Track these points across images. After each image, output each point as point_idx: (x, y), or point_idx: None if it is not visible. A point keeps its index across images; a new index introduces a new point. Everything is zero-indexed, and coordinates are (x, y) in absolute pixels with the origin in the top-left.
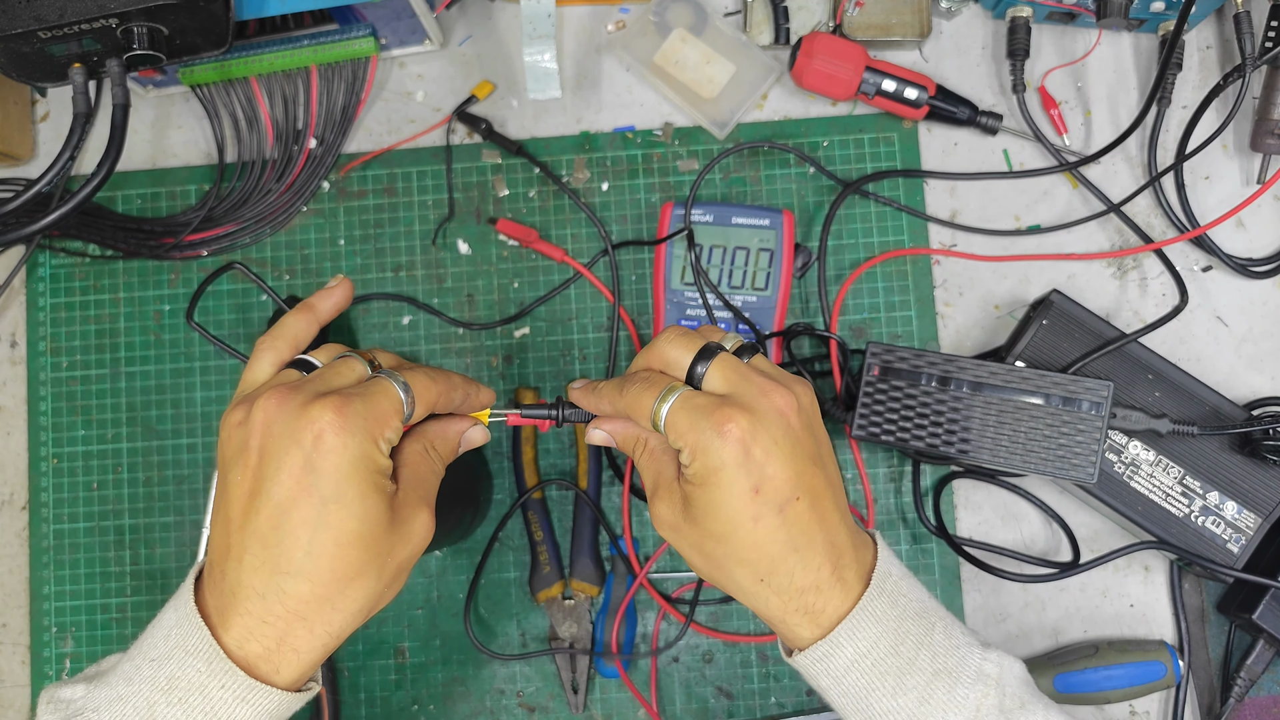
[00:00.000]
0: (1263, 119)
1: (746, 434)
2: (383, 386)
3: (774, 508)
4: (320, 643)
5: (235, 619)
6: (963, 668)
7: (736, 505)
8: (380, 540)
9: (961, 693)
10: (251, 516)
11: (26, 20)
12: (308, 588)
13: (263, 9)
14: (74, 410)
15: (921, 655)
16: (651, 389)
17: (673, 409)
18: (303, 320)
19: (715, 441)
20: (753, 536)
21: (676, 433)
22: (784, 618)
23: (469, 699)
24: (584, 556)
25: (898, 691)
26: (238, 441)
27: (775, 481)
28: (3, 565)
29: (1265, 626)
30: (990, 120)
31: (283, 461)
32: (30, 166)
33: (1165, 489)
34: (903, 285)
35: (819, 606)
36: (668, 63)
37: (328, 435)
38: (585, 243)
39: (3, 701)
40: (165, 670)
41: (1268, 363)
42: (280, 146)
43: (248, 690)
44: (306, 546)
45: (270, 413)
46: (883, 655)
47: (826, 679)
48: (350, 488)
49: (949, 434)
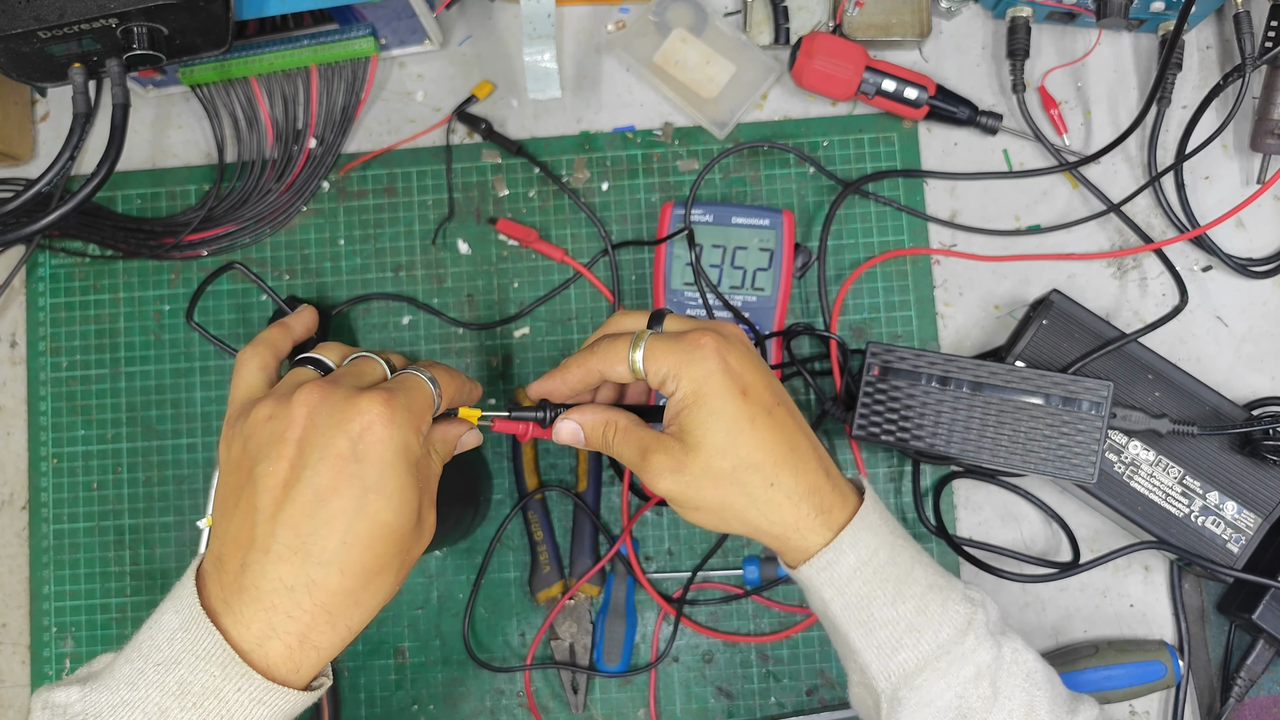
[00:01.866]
0: (1263, 119)
1: (720, 346)
2: (417, 381)
3: (763, 409)
4: (340, 639)
5: (257, 615)
6: (952, 587)
7: (732, 408)
8: (407, 536)
9: (954, 607)
10: (286, 505)
11: (26, 20)
12: (338, 579)
13: (263, 9)
14: (74, 410)
15: (916, 569)
16: (621, 340)
17: (648, 344)
18: (278, 330)
19: (696, 354)
20: (755, 437)
21: (656, 362)
22: (796, 523)
23: (469, 699)
24: (584, 556)
25: (897, 600)
26: (269, 434)
27: (756, 386)
28: (3, 565)
29: (1265, 626)
30: (990, 120)
31: (327, 450)
32: (30, 166)
33: (1165, 489)
34: (903, 285)
35: (825, 507)
36: (668, 63)
37: (377, 426)
38: (585, 243)
39: (3, 702)
40: (175, 675)
41: (1268, 363)
42: (280, 146)
43: (264, 692)
44: (343, 535)
45: (313, 405)
46: (882, 563)
47: (830, 589)
48: (392, 479)
49: (949, 434)
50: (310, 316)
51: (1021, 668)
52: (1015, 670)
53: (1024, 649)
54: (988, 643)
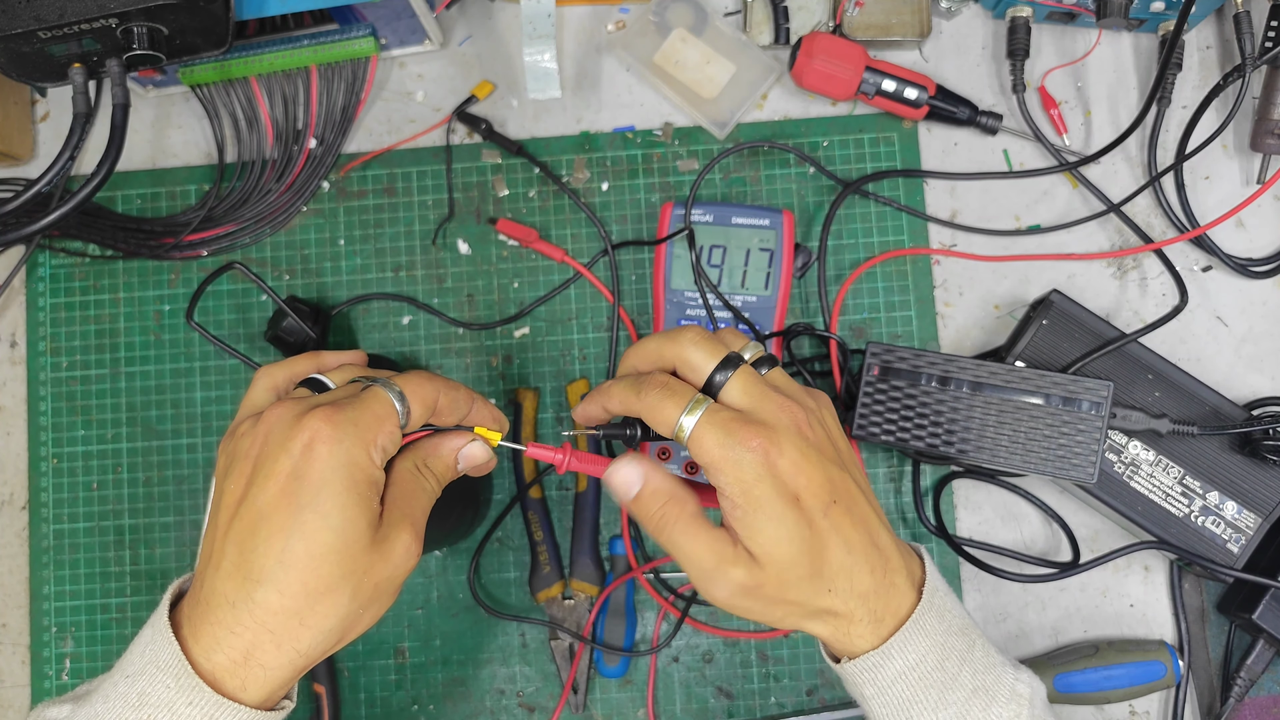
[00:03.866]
0: (1263, 119)
1: (770, 448)
2: (372, 392)
3: (819, 512)
4: (288, 659)
5: (205, 628)
6: (999, 686)
7: (786, 516)
8: (357, 557)
9: (997, 711)
10: (234, 522)
11: (26, 20)
12: (276, 599)
13: (263, 9)
14: (74, 410)
15: (964, 672)
16: (674, 398)
17: (699, 424)
18: (306, 360)
19: (746, 456)
20: (809, 545)
21: (701, 449)
22: (848, 629)
23: (469, 699)
24: (584, 556)
25: (939, 706)
26: (237, 451)
27: (809, 489)
28: (3, 565)
29: (1265, 626)
30: (990, 120)
31: (273, 469)
32: (30, 166)
33: (1165, 489)
34: (903, 285)
35: (880, 613)
36: (668, 63)
37: (317, 444)
38: (585, 243)
39: (3, 702)
40: (137, 686)
41: (1268, 363)
42: (280, 146)
43: (215, 707)
44: (279, 555)
45: (270, 423)
46: (930, 669)
47: (871, 689)
48: (329, 497)
49: (949, 434)
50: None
51: None
52: None
53: None
54: None
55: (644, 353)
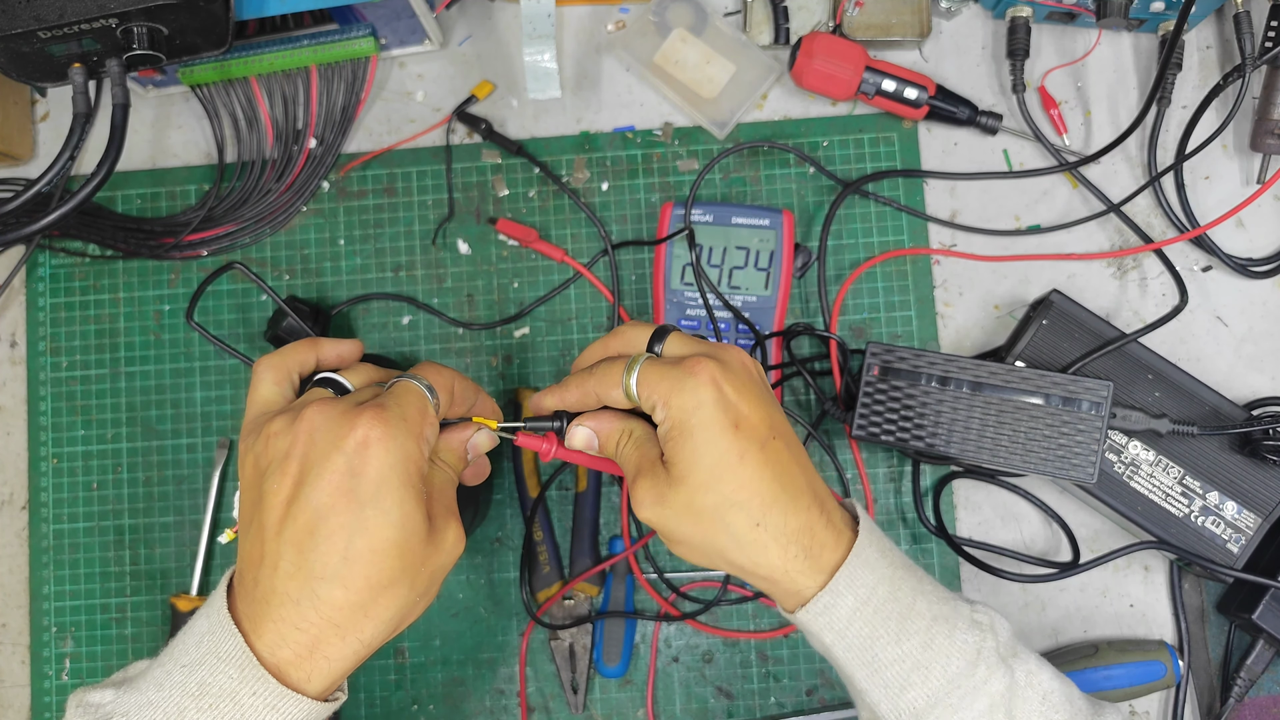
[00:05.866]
0: (1263, 119)
1: (717, 374)
2: (405, 385)
3: (756, 443)
4: (352, 651)
5: (267, 625)
6: (957, 615)
7: (721, 443)
8: (416, 549)
9: (961, 637)
10: (288, 523)
11: (26, 20)
12: (342, 594)
13: (263, 9)
14: (74, 410)
15: (919, 602)
16: (617, 364)
17: (642, 369)
18: (304, 348)
19: (689, 382)
20: (742, 474)
21: (649, 388)
22: (785, 566)
23: (469, 699)
24: (584, 557)
25: (900, 638)
26: (277, 450)
27: (751, 419)
28: (3, 565)
29: (1265, 626)
30: (990, 120)
31: (324, 468)
32: (30, 166)
33: (1165, 489)
34: (903, 285)
35: (815, 549)
36: (668, 63)
37: (372, 443)
38: (585, 243)
39: (3, 701)
40: (196, 676)
41: (1268, 363)
42: (280, 146)
43: (278, 698)
44: (343, 552)
45: (315, 422)
46: (882, 601)
47: (830, 634)
48: (389, 493)
49: (949, 434)
50: (349, 349)
51: (1037, 690)
52: (1030, 695)
53: (1039, 668)
54: (999, 671)
55: (589, 353)
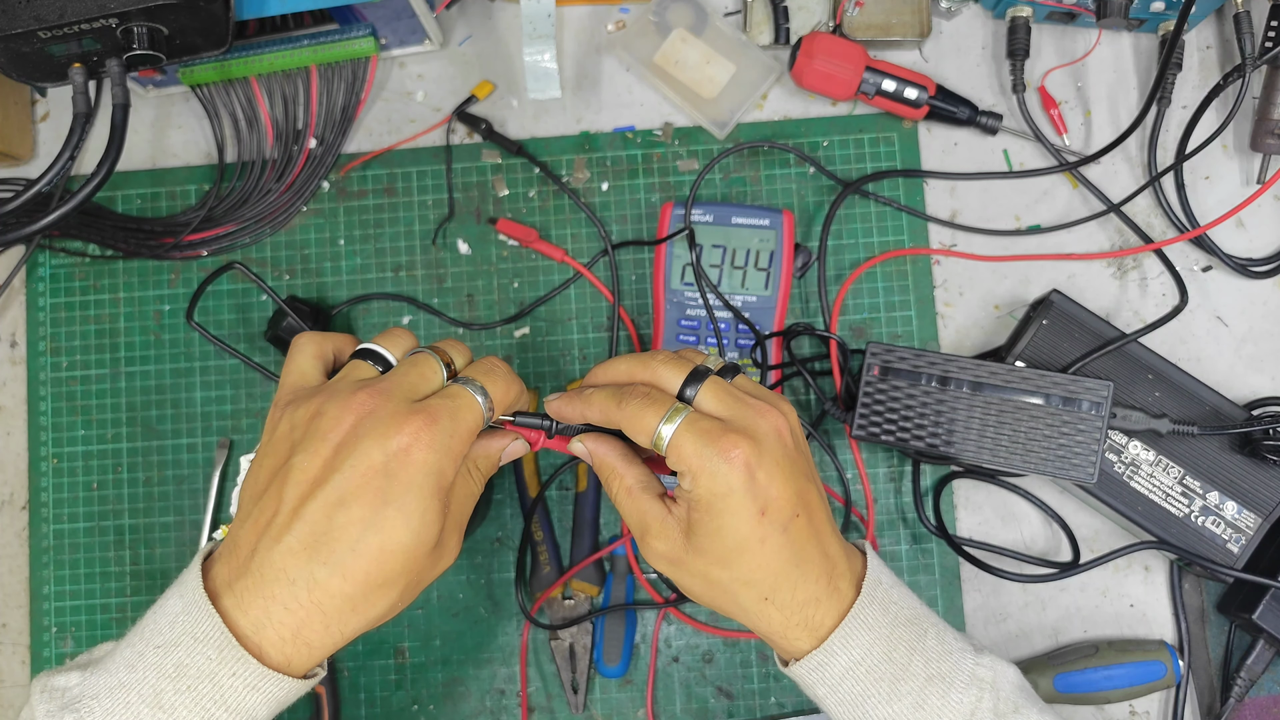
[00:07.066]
0: (1263, 119)
1: (751, 459)
2: (467, 401)
3: (779, 527)
4: (332, 640)
5: (255, 601)
6: (956, 672)
7: (744, 529)
8: (421, 558)
9: (955, 697)
10: (310, 501)
11: (26, 20)
12: (338, 583)
13: (263, 9)
14: (74, 410)
15: (915, 661)
16: (653, 407)
17: (678, 432)
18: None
19: (723, 467)
20: (760, 557)
21: (679, 455)
22: (785, 632)
23: (469, 699)
24: (584, 557)
25: (892, 698)
26: (318, 428)
27: (779, 502)
28: (3, 565)
29: (1265, 626)
30: (990, 120)
31: (360, 459)
32: (30, 166)
33: (1165, 489)
34: (903, 285)
35: (818, 619)
36: (668, 63)
37: (415, 449)
38: (585, 243)
39: (3, 701)
40: (172, 657)
41: (1268, 363)
42: (280, 146)
43: (259, 678)
44: (353, 544)
45: (363, 413)
46: (876, 662)
47: (823, 688)
48: (415, 501)
49: (949, 434)
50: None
51: None
52: None
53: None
54: None
55: (614, 372)
